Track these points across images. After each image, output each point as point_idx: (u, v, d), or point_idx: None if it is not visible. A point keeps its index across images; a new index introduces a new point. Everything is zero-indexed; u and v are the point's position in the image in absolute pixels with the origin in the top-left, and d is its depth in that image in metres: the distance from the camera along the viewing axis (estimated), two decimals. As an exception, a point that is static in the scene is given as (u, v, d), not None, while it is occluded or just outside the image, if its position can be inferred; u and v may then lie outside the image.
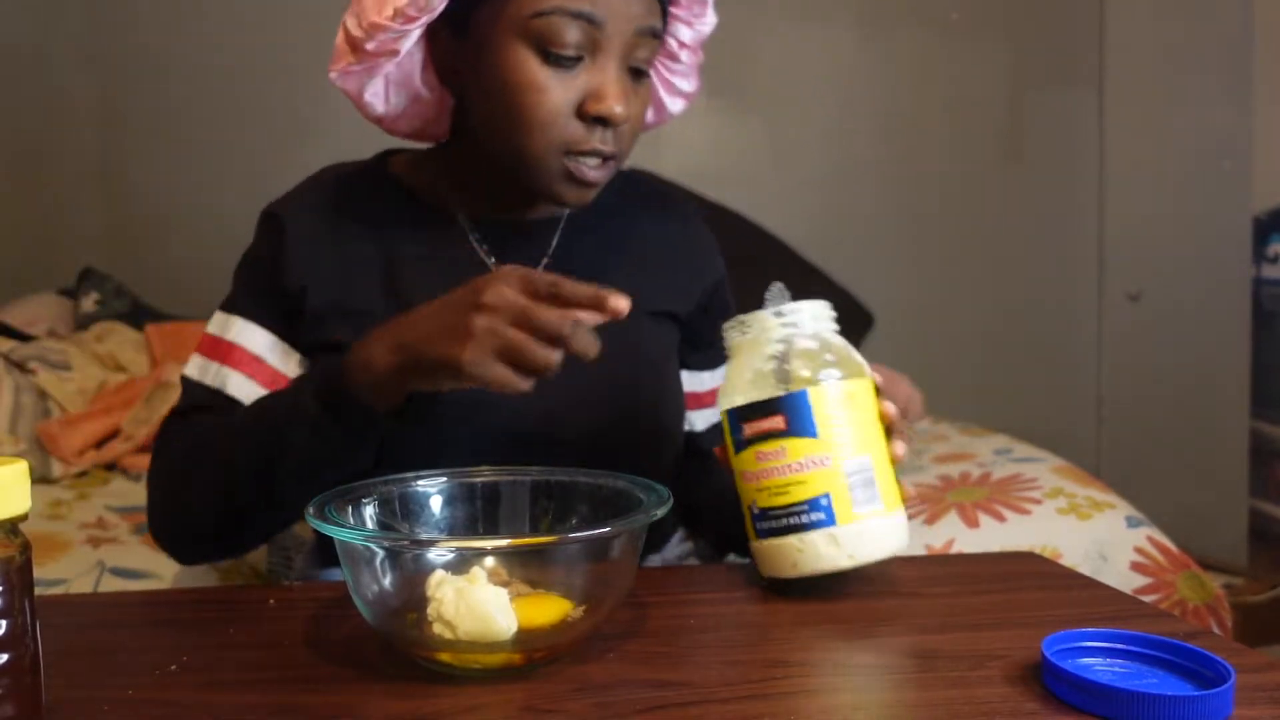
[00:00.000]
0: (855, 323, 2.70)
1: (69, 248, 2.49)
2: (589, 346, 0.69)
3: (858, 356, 0.74)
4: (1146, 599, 1.20)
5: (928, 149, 2.84)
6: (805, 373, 0.71)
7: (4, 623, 0.51)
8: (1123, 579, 1.26)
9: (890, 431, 0.74)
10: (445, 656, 0.63)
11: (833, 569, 0.70)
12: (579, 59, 0.82)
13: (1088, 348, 2.95)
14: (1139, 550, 1.29)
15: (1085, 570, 1.18)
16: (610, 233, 0.99)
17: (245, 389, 0.90)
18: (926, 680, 0.61)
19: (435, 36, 0.87)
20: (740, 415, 0.72)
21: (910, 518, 1.36)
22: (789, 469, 0.69)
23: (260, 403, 0.84)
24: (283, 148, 2.44)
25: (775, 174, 2.80)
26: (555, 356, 0.69)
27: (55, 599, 0.86)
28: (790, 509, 0.69)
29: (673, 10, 0.91)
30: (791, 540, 0.70)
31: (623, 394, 0.92)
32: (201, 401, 0.90)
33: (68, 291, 2.34)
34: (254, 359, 0.90)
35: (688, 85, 0.98)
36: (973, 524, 1.31)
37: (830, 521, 0.69)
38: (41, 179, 2.54)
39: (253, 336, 0.91)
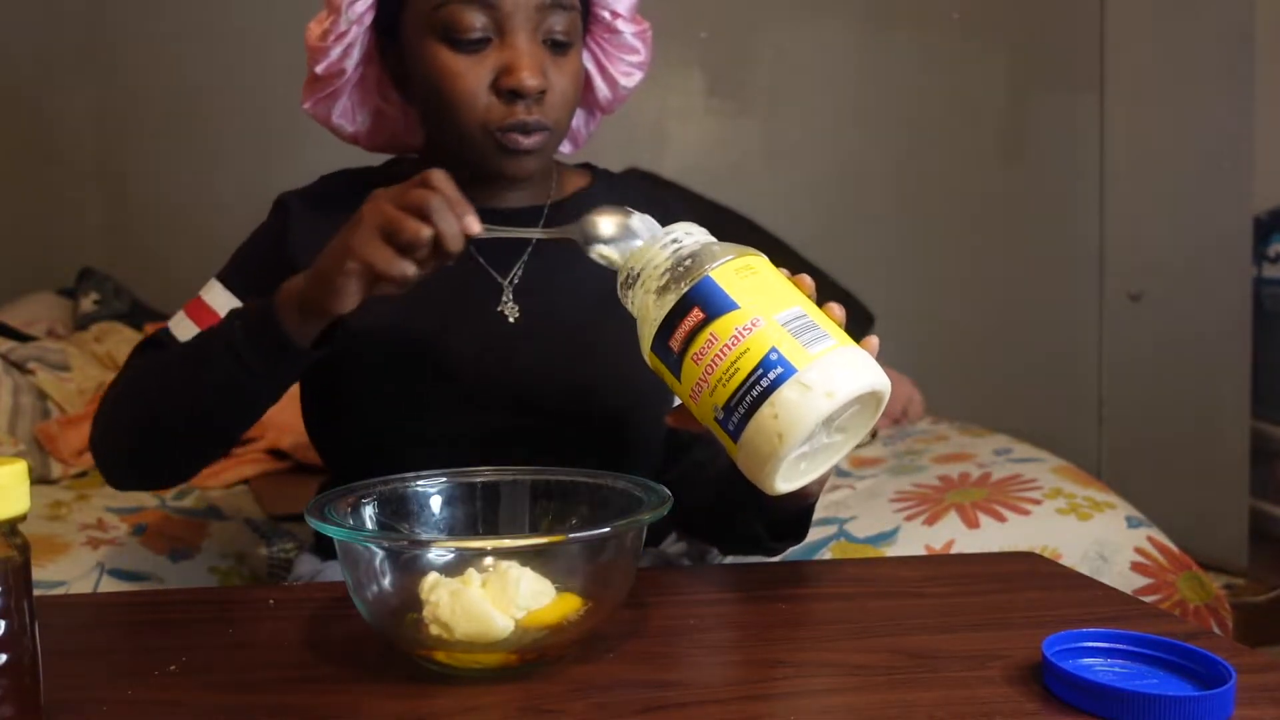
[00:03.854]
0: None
1: (68, 248, 2.48)
2: (450, 226, 0.73)
3: (747, 247, 0.70)
4: (1147, 599, 1.20)
5: (928, 149, 2.84)
6: (701, 267, 0.67)
7: (3, 623, 0.51)
8: (1123, 579, 1.26)
9: (815, 302, 0.71)
10: (444, 656, 0.63)
11: (818, 417, 0.63)
12: (487, 40, 0.87)
13: (1088, 348, 2.95)
14: (1139, 550, 1.29)
15: (1085, 570, 1.18)
16: None
17: None
18: (926, 680, 0.61)
19: (382, 51, 0.95)
20: (663, 338, 0.67)
21: (910, 518, 1.36)
22: (726, 350, 0.63)
23: (196, 335, 0.90)
24: (282, 148, 2.43)
25: (775, 174, 2.80)
26: (425, 231, 0.72)
27: (54, 599, 0.86)
28: (746, 383, 0.63)
29: None
30: (764, 411, 0.62)
31: (595, 357, 0.95)
32: (159, 342, 0.96)
33: (67, 291, 2.34)
34: (215, 316, 0.95)
35: (635, 57, 1.00)
36: (973, 524, 1.31)
37: (790, 370, 0.62)
38: (41, 179, 2.54)
39: (220, 297, 0.96)
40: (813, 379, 0.63)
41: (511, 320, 0.94)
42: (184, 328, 0.95)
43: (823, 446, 0.70)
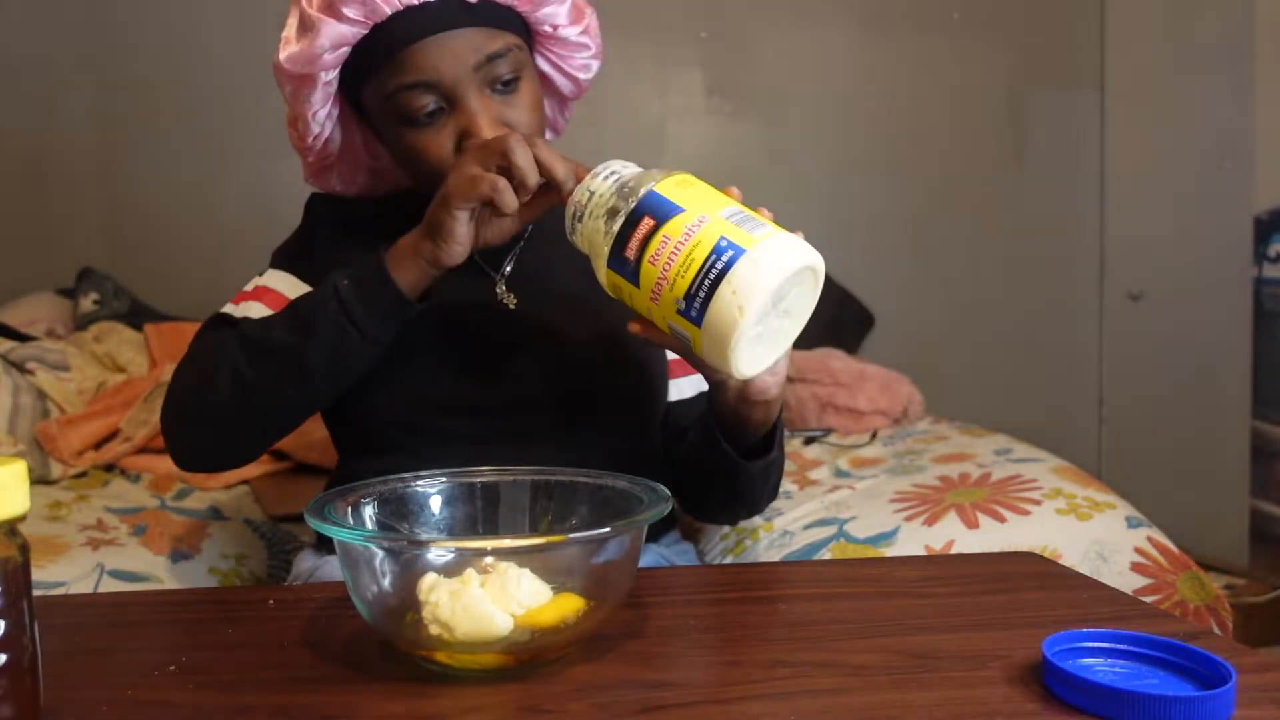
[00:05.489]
0: (856, 323, 2.70)
1: (67, 248, 2.48)
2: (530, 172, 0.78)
3: (677, 170, 0.77)
4: (1147, 599, 1.20)
5: (928, 149, 2.84)
6: (643, 185, 0.74)
7: (2, 623, 0.51)
8: (1123, 579, 1.26)
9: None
10: (444, 656, 0.63)
11: (772, 287, 0.70)
12: (441, 109, 0.90)
13: (1088, 348, 2.95)
14: (1139, 550, 1.29)
15: (1085, 570, 1.18)
16: None
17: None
18: (926, 680, 0.61)
19: (360, 117, 0.98)
20: (618, 252, 0.73)
21: (910, 518, 1.36)
22: (680, 246, 0.70)
23: (292, 304, 0.91)
24: (281, 149, 2.43)
25: (775, 174, 2.80)
26: (518, 153, 0.78)
27: (54, 600, 0.86)
28: (703, 270, 0.69)
29: (523, 11, 0.92)
30: (722, 290, 0.69)
31: (592, 341, 0.97)
32: (233, 321, 0.97)
33: (66, 291, 2.34)
34: (282, 297, 0.97)
35: (587, 52, 1.00)
36: (972, 524, 1.31)
37: (740, 250, 0.69)
38: (41, 179, 2.54)
39: (281, 280, 1.00)
40: (761, 256, 0.70)
41: (511, 307, 0.95)
42: (253, 309, 0.97)
43: (773, 330, 0.75)
